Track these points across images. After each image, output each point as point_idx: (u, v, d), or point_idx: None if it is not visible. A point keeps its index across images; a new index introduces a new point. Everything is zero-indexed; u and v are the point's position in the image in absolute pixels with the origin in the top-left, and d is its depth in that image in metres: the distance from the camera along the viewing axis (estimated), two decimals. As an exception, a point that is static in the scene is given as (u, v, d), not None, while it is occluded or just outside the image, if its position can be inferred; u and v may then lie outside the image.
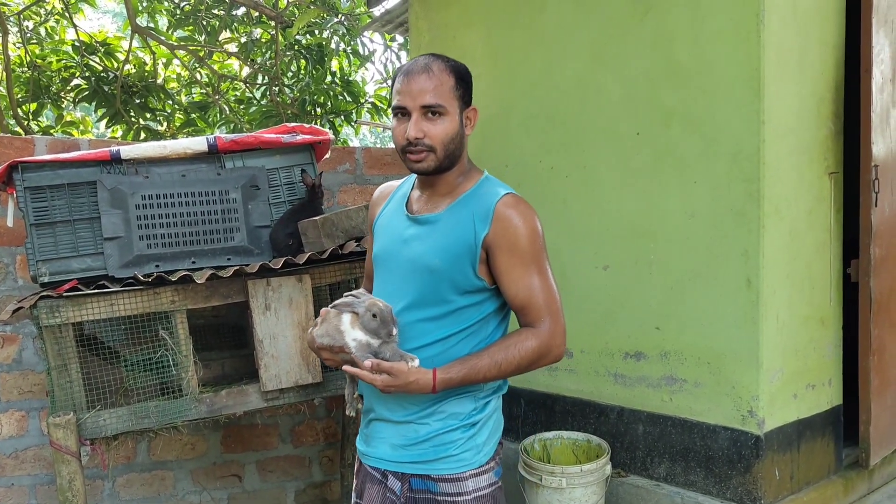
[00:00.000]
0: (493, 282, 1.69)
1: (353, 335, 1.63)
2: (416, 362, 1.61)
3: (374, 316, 1.62)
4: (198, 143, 2.68)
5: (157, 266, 2.52)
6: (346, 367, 1.64)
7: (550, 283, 1.69)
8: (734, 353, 2.74)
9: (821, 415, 2.99)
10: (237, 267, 2.50)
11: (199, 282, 2.40)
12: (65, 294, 2.32)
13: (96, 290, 2.36)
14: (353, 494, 1.87)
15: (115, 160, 2.57)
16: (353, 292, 1.71)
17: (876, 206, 3.02)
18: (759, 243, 2.66)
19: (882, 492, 3.32)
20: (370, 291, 1.84)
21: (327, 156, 3.03)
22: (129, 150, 2.59)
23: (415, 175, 1.83)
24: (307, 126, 2.92)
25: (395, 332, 1.63)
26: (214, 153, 2.69)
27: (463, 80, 1.70)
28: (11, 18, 6.58)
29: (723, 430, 2.79)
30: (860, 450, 3.09)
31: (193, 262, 2.56)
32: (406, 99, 1.65)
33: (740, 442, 2.74)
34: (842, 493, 3.07)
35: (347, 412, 1.80)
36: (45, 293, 2.33)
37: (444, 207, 1.71)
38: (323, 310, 1.71)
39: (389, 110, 1.77)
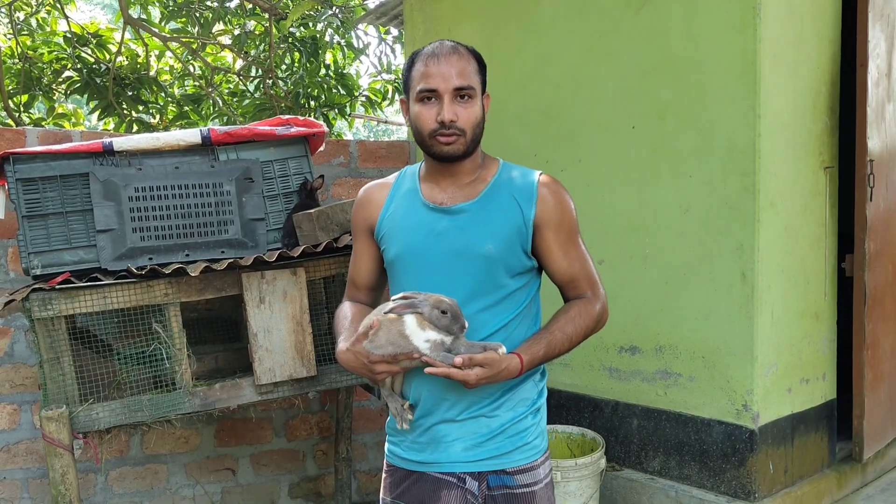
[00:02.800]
0: (536, 261, 1.70)
1: (425, 336, 1.51)
2: (504, 349, 1.56)
3: (443, 312, 1.51)
4: (191, 135, 2.65)
5: (150, 259, 2.50)
6: (429, 370, 1.51)
7: (588, 255, 1.72)
8: (729, 348, 2.75)
9: (815, 409, 3.00)
10: (231, 260, 2.48)
11: (192, 275, 2.38)
12: (57, 287, 2.30)
13: (89, 283, 2.34)
14: None
15: (108, 152, 2.55)
16: (402, 294, 1.57)
17: (871, 200, 3.02)
18: (754, 237, 2.66)
19: (875, 485, 3.34)
20: (360, 300, 1.79)
21: (321, 148, 3.01)
22: (121, 142, 2.57)
23: (409, 169, 1.79)
24: (301, 119, 2.90)
25: (467, 324, 1.54)
26: (208, 145, 2.66)
27: (482, 65, 1.68)
28: (2, 9, 6.53)
29: (717, 424, 2.79)
30: (853, 444, 3.11)
31: (187, 255, 2.55)
32: (437, 81, 1.59)
33: (734, 436, 2.74)
34: (835, 486, 3.09)
35: (399, 426, 1.68)
36: (37, 286, 2.31)
37: (477, 195, 1.67)
38: (374, 319, 1.58)
39: (397, 97, 1.73)
